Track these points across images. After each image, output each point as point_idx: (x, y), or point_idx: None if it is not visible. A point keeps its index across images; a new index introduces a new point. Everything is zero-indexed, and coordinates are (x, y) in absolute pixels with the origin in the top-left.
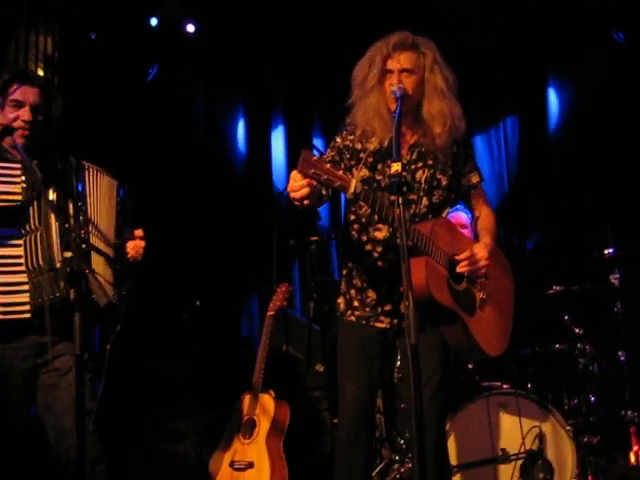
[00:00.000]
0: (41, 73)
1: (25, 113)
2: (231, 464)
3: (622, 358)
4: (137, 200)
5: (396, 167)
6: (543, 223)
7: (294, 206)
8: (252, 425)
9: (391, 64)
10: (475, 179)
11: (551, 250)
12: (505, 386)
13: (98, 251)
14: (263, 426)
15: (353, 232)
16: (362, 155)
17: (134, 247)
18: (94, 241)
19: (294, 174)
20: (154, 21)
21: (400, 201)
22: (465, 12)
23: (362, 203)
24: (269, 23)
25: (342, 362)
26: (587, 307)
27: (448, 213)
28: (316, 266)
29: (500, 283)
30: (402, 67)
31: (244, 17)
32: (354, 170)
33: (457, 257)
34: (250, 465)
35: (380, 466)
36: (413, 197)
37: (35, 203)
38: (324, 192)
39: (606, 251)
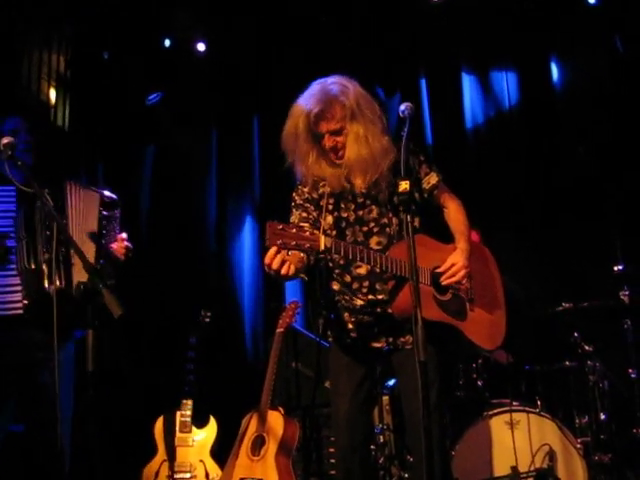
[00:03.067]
0: (53, 91)
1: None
2: None
3: (633, 375)
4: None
5: (404, 185)
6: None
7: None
8: (261, 442)
9: (316, 129)
10: (434, 179)
11: (561, 266)
12: (515, 403)
13: (78, 249)
14: (272, 443)
15: (335, 277)
16: (322, 202)
17: (117, 248)
18: (77, 239)
19: (269, 253)
20: (167, 42)
21: (409, 219)
22: None
23: (334, 255)
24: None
25: (333, 380)
26: (597, 324)
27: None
28: (325, 283)
29: (485, 277)
30: (330, 130)
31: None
32: (321, 219)
33: (438, 270)
34: None
35: None
36: (384, 220)
37: (24, 216)
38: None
39: (616, 267)
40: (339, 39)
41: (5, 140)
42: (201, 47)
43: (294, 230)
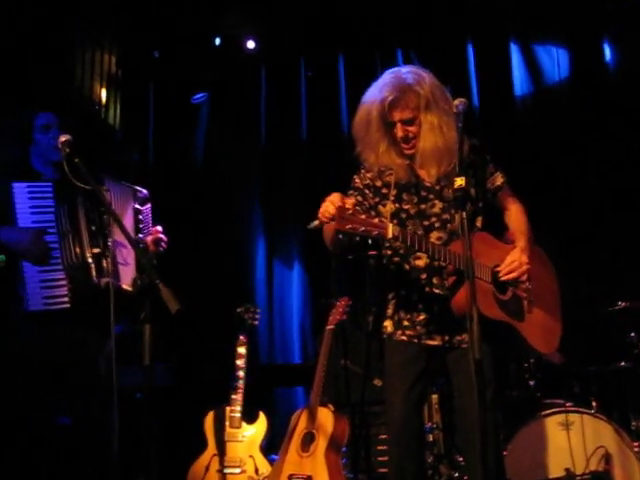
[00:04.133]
0: (104, 91)
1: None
2: (290, 477)
3: None
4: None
5: (460, 182)
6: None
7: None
8: (310, 439)
9: (389, 117)
10: (499, 180)
11: (615, 265)
12: (568, 404)
13: (121, 245)
14: (321, 440)
15: (392, 265)
16: (385, 190)
17: (152, 241)
18: (118, 238)
19: (331, 199)
20: (217, 40)
21: (464, 215)
22: None
23: (399, 244)
24: None
25: (388, 378)
26: None
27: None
28: (376, 278)
29: (543, 281)
30: (402, 119)
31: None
32: (380, 207)
33: (498, 268)
34: (309, 479)
35: None
36: (446, 216)
37: (67, 212)
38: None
39: None
40: (386, 11)
41: (63, 138)
42: (250, 44)
43: (363, 216)
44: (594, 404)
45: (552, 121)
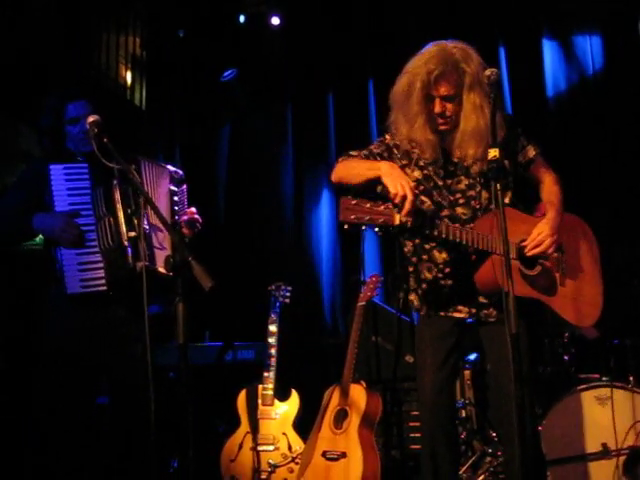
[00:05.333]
0: (129, 74)
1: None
2: (323, 454)
3: None
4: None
5: (494, 152)
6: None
7: None
8: (344, 416)
9: (432, 91)
10: (532, 152)
11: None
12: (604, 378)
13: (156, 228)
14: (354, 417)
15: (416, 239)
16: (414, 155)
17: (186, 222)
18: (153, 221)
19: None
20: (242, 18)
21: (498, 187)
22: None
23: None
24: None
25: (419, 354)
26: None
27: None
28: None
29: (580, 251)
30: (443, 95)
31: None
32: (407, 169)
33: (524, 243)
34: (343, 455)
35: (472, 459)
36: (472, 193)
37: (103, 194)
38: None
39: None
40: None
41: (91, 118)
42: (275, 21)
43: (368, 205)
44: (631, 378)
45: (588, 114)
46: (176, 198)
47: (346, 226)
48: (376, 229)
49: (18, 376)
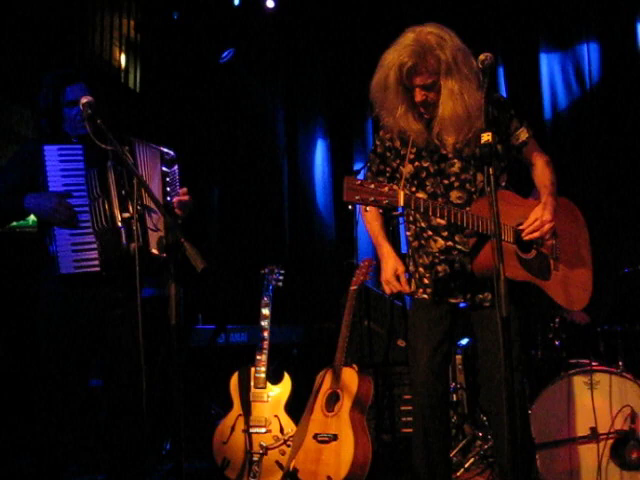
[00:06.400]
0: (123, 56)
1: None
2: (315, 436)
3: None
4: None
5: (486, 137)
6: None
7: None
8: (335, 398)
9: (408, 83)
10: (524, 135)
11: None
12: (594, 363)
13: (150, 210)
14: (346, 400)
15: (414, 223)
16: (404, 151)
17: (178, 202)
18: (147, 202)
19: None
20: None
21: (491, 171)
22: None
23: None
24: None
25: (413, 339)
26: None
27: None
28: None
29: (572, 235)
30: (420, 85)
31: None
32: (401, 168)
33: (521, 227)
34: (334, 437)
35: (462, 443)
36: (466, 176)
37: (97, 176)
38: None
39: None
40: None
41: (84, 99)
42: (270, 4)
43: (372, 185)
44: (620, 363)
45: (587, 130)
46: (168, 179)
47: (350, 206)
48: (380, 211)
49: (13, 360)
